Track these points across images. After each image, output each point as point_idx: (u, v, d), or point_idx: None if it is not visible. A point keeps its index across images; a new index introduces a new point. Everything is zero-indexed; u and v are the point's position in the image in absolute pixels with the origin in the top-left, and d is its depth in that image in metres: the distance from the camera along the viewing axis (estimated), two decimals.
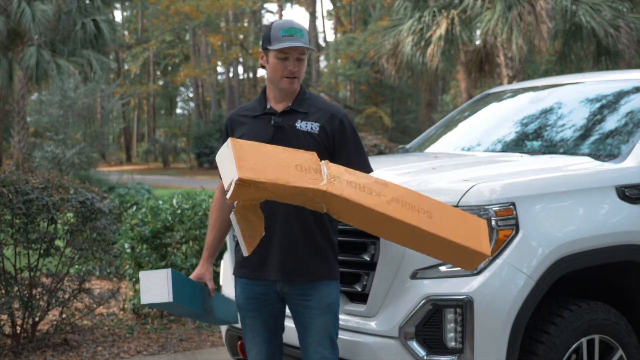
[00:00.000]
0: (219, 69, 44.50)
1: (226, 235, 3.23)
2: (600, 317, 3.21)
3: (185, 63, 43.68)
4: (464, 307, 2.95)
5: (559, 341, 3.10)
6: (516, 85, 5.35)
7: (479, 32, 13.76)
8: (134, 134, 52.50)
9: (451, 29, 12.83)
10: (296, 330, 3.04)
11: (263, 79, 46.04)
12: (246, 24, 42.49)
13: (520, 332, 3.01)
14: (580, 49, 13.65)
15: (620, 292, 3.53)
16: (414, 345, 3.01)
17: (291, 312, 3.02)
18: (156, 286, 2.87)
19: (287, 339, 3.17)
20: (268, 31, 2.94)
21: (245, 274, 3.02)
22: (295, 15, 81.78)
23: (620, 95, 4.19)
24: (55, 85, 17.28)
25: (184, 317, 5.61)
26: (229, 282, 3.88)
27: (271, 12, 48.09)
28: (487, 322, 2.96)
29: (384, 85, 33.48)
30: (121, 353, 5.12)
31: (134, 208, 7.25)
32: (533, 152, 4.05)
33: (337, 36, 41.33)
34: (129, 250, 5.89)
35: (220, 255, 5.10)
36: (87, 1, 19.35)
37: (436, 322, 2.99)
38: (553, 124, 4.32)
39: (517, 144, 4.29)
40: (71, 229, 5.03)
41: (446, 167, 3.69)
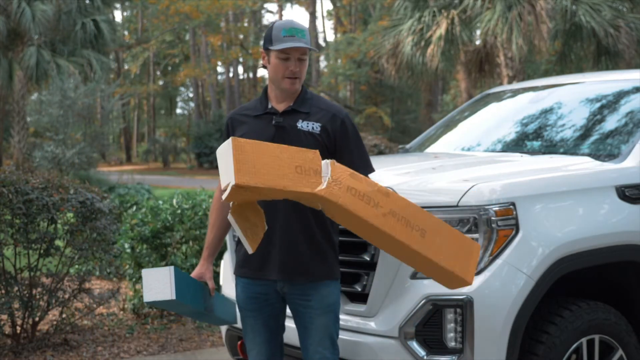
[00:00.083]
0: (219, 69, 44.52)
1: (226, 235, 3.23)
2: (600, 317, 3.21)
3: (185, 63, 43.68)
4: (464, 307, 2.95)
5: (559, 341, 3.10)
6: (516, 85, 5.35)
7: (479, 32, 13.76)
8: (134, 134, 52.50)
9: (451, 29, 12.83)
10: (297, 330, 3.04)
11: (263, 79, 46.07)
12: (246, 24, 42.49)
13: (520, 332, 3.01)
14: (580, 49, 13.66)
15: (620, 292, 3.53)
16: (414, 345, 3.01)
17: (292, 312, 3.02)
18: (159, 284, 2.87)
19: (288, 339, 3.17)
20: (269, 31, 2.93)
21: (246, 274, 3.03)
22: (295, 15, 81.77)
23: (620, 95, 4.19)
24: (55, 85, 17.27)
25: (184, 316, 5.61)
26: (229, 282, 3.89)
27: (271, 12, 48.18)
28: (487, 322, 2.96)
29: (384, 85, 33.47)
30: (121, 353, 5.12)
31: (134, 208, 7.25)
32: (533, 152, 4.05)
33: (337, 36, 41.32)
34: (129, 250, 5.89)
35: (220, 255, 5.10)
36: (87, 1, 19.35)
37: (436, 322, 2.99)
38: (553, 124, 4.33)
39: (517, 144, 4.29)
40: (71, 229, 5.03)
41: (446, 167, 3.69)
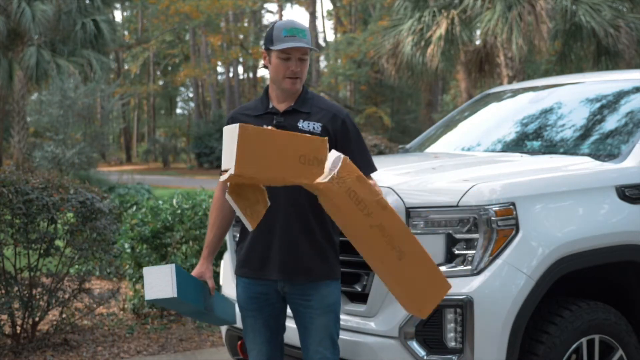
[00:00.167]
0: (219, 69, 44.51)
1: (226, 234, 3.23)
2: (600, 317, 3.21)
3: (185, 63, 43.69)
4: (464, 307, 2.95)
5: (559, 341, 3.10)
6: (516, 85, 5.35)
7: (479, 32, 13.76)
8: (134, 134, 52.49)
9: (451, 29, 12.83)
10: (297, 330, 3.04)
11: (263, 79, 46.08)
12: (246, 24, 42.49)
13: (520, 332, 3.01)
14: (580, 49, 13.66)
15: (620, 292, 3.53)
16: (414, 345, 3.01)
17: (292, 312, 3.02)
18: (160, 282, 2.86)
19: (288, 339, 3.17)
20: (270, 31, 2.93)
21: (246, 274, 3.03)
22: (295, 15, 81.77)
23: (620, 95, 4.19)
24: (55, 85, 17.27)
25: (184, 315, 5.60)
26: (229, 281, 3.89)
27: (271, 12, 48.16)
28: (487, 322, 2.96)
29: (384, 85, 33.47)
30: (121, 353, 5.12)
31: (134, 208, 7.25)
32: (533, 152, 4.05)
33: (337, 36, 41.32)
34: (129, 250, 5.89)
35: (220, 255, 5.10)
36: (87, 1, 19.36)
37: (436, 322, 2.99)
38: (553, 124, 4.33)
39: (517, 144, 4.29)
40: (71, 229, 5.03)
41: (446, 167, 3.69)
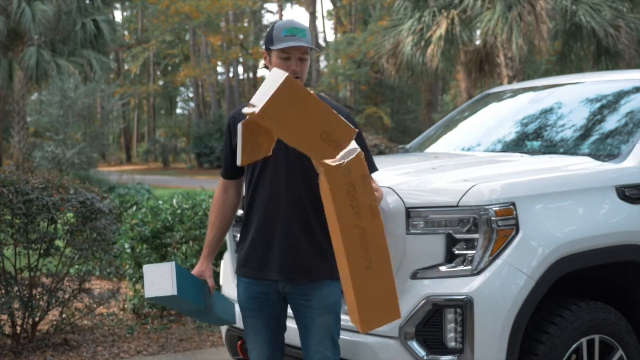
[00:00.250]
0: (219, 69, 44.52)
1: (226, 234, 3.23)
2: (600, 317, 3.21)
3: (185, 63, 43.70)
4: (464, 307, 2.95)
5: (559, 341, 3.10)
6: (516, 85, 5.35)
7: (479, 32, 13.76)
8: (134, 134, 52.50)
9: (451, 29, 12.83)
10: (298, 330, 3.04)
11: (263, 79, 45.98)
12: (246, 24, 42.49)
13: (520, 332, 3.00)
14: (580, 49, 13.66)
15: (620, 292, 3.53)
16: (414, 345, 3.01)
17: (293, 312, 3.02)
18: (160, 280, 2.86)
19: (289, 339, 3.17)
20: (270, 31, 2.94)
21: (247, 273, 3.03)
22: (295, 15, 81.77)
23: (620, 95, 4.18)
24: (55, 85, 17.27)
25: (184, 314, 5.61)
26: (229, 281, 3.89)
27: (271, 12, 48.17)
28: (487, 322, 2.95)
29: (384, 85, 33.49)
30: (121, 353, 5.12)
31: (134, 208, 7.25)
32: (533, 152, 4.05)
33: (337, 36, 41.32)
34: (129, 250, 5.89)
35: (220, 255, 5.10)
36: (87, 1, 19.36)
37: (436, 322, 2.99)
38: (553, 124, 4.32)
39: (517, 144, 4.29)
40: (71, 229, 5.02)
41: (446, 167, 3.69)
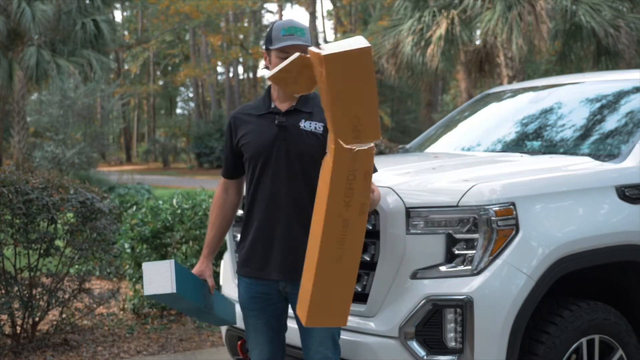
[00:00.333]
0: (219, 69, 44.54)
1: (226, 234, 3.24)
2: (600, 317, 3.21)
3: (185, 63, 43.70)
4: (464, 307, 2.95)
5: (559, 341, 3.10)
6: (516, 85, 5.35)
7: (479, 32, 13.76)
8: (134, 134, 52.51)
9: (451, 29, 12.83)
10: (298, 330, 3.04)
11: (263, 79, 46.08)
12: (246, 24, 42.51)
13: (520, 332, 3.00)
14: (580, 49, 13.65)
15: (620, 292, 3.53)
16: (414, 345, 3.01)
17: (293, 312, 3.02)
18: (159, 277, 2.86)
19: (289, 339, 3.17)
20: (270, 31, 2.96)
21: (248, 273, 3.03)
22: (295, 15, 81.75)
23: (620, 95, 4.18)
24: (55, 85, 17.28)
25: (184, 313, 5.61)
26: (229, 281, 3.89)
27: (271, 12, 48.17)
28: (487, 322, 2.95)
29: (384, 85, 33.45)
30: (121, 353, 5.12)
31: (134, 208, 7.25)
32: (533, 152, 4.05)
33: (337, 36, 41.30)
34: (129, 250, 5.89)
35: (220, 255, 5.10)
36: (87, 1, 19.36)
37: (436, 322, 2.99)
38: (553, 124, 4.32)
39: (517, 144, 4.29)
40: (71, 229, 5.02)
41: (446, 167, 3.69)
